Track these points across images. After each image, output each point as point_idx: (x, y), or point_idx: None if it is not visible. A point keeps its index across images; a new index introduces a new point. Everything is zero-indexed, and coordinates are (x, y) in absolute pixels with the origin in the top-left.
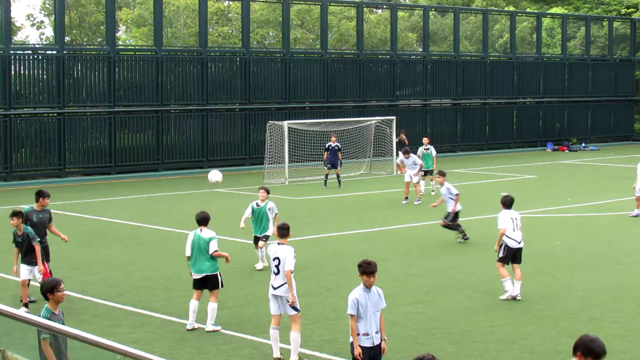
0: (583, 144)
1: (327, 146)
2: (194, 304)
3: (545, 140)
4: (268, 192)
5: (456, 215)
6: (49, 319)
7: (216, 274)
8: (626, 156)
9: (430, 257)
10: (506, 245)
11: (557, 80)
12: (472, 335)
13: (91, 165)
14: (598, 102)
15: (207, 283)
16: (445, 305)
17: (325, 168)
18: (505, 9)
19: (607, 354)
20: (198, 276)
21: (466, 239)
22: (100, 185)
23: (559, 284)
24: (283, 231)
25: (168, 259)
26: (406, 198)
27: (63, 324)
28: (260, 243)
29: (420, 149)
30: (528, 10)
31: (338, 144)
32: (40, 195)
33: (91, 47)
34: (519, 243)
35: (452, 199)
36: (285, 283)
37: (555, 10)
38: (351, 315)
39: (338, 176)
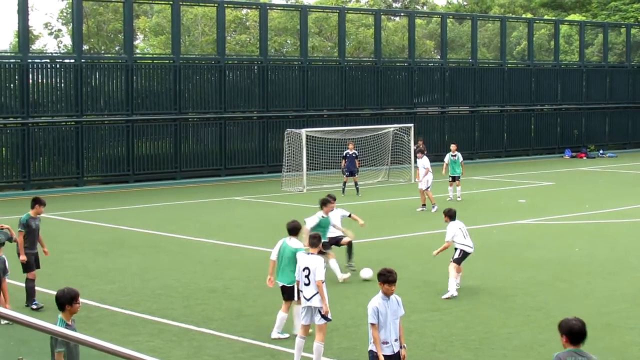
0: (601, 151)
1: (344, 154)
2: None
3: (563, 147)
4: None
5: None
6: None
7: (293, 286)
8: None
9: (445, 264)
10: (462, 251)
11: (575, 87)
12: (490, 342)
13: (109, 173)
14: (616, 108)
15: (284, 292)
16: (463, 312)
17: (344, 176)
18: (523, 16)
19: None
20: (279, 284)
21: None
22: (118, 193)
23: (576, 291)
24: (314, 240)
25: (185, 267)
26: (423, 205)
27: None
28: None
29: (448, 155)
30: (545, 17)
31: (355, 152)
32: (37, 202)
33: (109, 55)
34: (471, 248)
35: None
36: (317, 293)
37: (573, 17)
38: (372, 325)
39: (356, 184)
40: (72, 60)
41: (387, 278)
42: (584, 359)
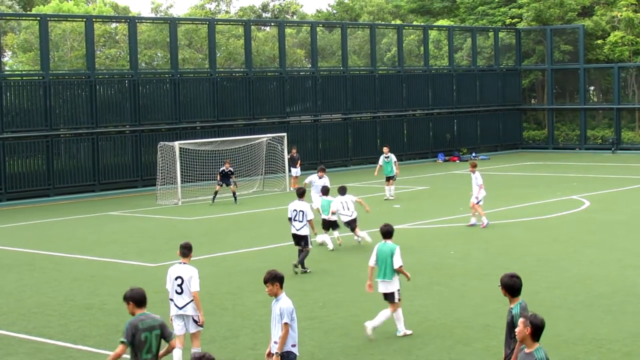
0: (473, 154)
1: (220, 170)
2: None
3: (436, 151)
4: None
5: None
6: None
7: (394, 292)
8: (516, 164)
9: (325, 272)
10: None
11: (446, 91)
12: (368, 348)
13: None
14: (486, 111)
15: (386, 296)
16: (341, 319)
17: (217, 185)
18: (392, 22)
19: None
20: (382, 289)
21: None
22: None
23: (452, 294)
24: (185, 250)
25: (61, 284)
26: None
27: None
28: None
29: (382, 157)
30: (415, 23)
31: (231, 169)
32: None
33: None
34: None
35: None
36: (191, 301)
37: (442, 22)
38: None
39: (234, 193)
40: None
41: (263, 278)
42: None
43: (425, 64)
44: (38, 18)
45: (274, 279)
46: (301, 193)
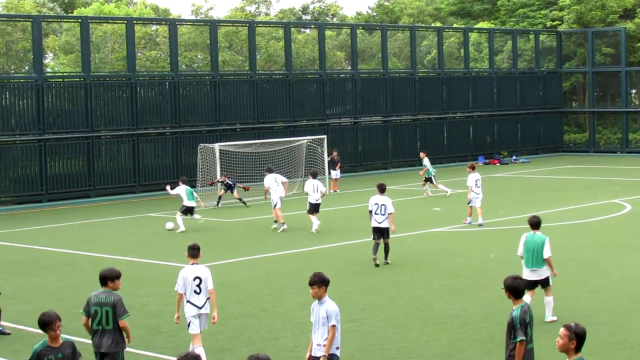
0: (514, 157)
1: (223, 181)
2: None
3: (476, 154)
4: None
5: None
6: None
7: (548, 277)
8: (556, 167)
9: (365, 274)
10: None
11: (486, 94)
12: (407, 351)
13: (22, 193)
14: (527, 114)
15: (542, 283)
16: (381, 322)
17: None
18: (432, 25)
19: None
20: (532, 277)
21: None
22: (32, 213)
23: (493, 297)
24: (194, 251)
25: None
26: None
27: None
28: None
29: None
30: (455, 25)
31: (229, 182)
32: None
33: (19, 75)
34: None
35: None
36: (208, 299)
37: (482, 25)
38: None
39: (240, 199)
40: None
41: (308, 281)
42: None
43: (465, 67)
44: (79, 20)
45: (322, 282)
46: (383, 188)
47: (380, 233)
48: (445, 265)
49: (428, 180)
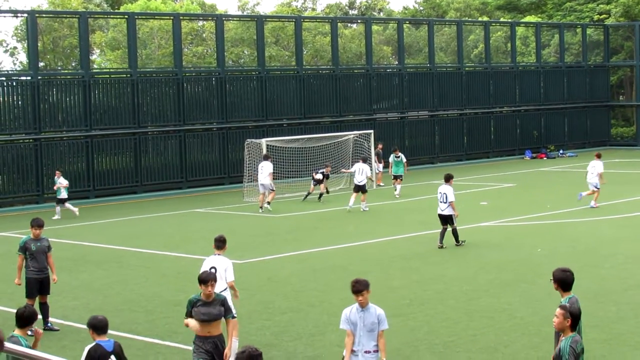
0: (561, 151)
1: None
2: None
3: (523, 148)
4: None
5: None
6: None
7: None
8: (603, 161)
9: (411, 269)
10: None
11: (533, 88)
12: (454, 345)
13: (69, 190)
14: (574, 108)
15: None
16: (427, 316)
17: (312, 185)
18: (479, 19)
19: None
20: None
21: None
22: (79, 209)
23: (539, 291)
24: (220, 243)
25: (149, 281)
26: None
27: None
28: None
29: (392, 156)
30: (502, 19)
31: (328, 174)
32: (30, 224)
33: (66, 71)
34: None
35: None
36: (225, 289)
37: (529, 19)
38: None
39: (321, 194)
40: (29, 78)
41: (351, 288)
42: None
43: (512, 61)
44: (126, 16)
45: (368, 287)
46: (447, 177)
47: (444, 220)
48: (491, 260)
49: (398, 178)
